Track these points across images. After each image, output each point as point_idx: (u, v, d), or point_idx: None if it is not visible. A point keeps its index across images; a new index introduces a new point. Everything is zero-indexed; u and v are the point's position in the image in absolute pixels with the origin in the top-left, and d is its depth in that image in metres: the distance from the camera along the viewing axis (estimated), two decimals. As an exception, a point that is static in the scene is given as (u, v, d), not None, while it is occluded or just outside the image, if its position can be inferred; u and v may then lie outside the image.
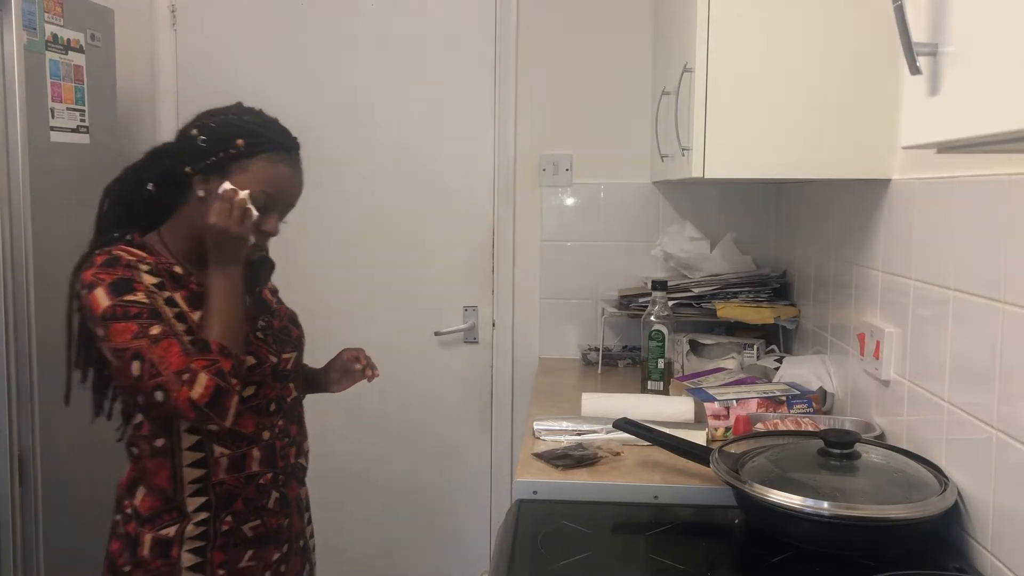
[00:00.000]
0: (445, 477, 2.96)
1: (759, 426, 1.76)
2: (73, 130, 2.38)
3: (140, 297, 1.41)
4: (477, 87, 2.85)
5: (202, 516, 1.50)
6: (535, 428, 1.92)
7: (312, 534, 1.75)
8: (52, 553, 2.27)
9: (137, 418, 1.53)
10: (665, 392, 2.20)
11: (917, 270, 1.57)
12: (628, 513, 1.56)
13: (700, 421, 1.91)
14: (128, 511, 1.53)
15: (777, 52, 1.75)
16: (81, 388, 1.58)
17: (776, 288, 2.54)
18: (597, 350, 2.68)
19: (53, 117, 2.29)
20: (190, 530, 1.50)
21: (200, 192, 1.48)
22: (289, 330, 1.67)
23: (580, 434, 1.88)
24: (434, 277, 2.92)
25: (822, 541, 1.33)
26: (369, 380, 1.75)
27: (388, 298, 2.92)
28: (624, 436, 1.75)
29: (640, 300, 2.59)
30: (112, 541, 1.56)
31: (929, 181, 1.54)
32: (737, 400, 1.88)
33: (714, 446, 1.60)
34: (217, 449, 1.51)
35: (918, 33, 0.82)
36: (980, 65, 0.75)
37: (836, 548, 1.33)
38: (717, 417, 1.87)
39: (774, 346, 2.48)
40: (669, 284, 2.35)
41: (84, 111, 2.42)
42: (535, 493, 1.63)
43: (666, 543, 1.43)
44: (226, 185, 1.43)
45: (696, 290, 2.53)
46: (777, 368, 2.19)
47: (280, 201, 1.53)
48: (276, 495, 1.59)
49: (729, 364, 2.39)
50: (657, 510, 1.57)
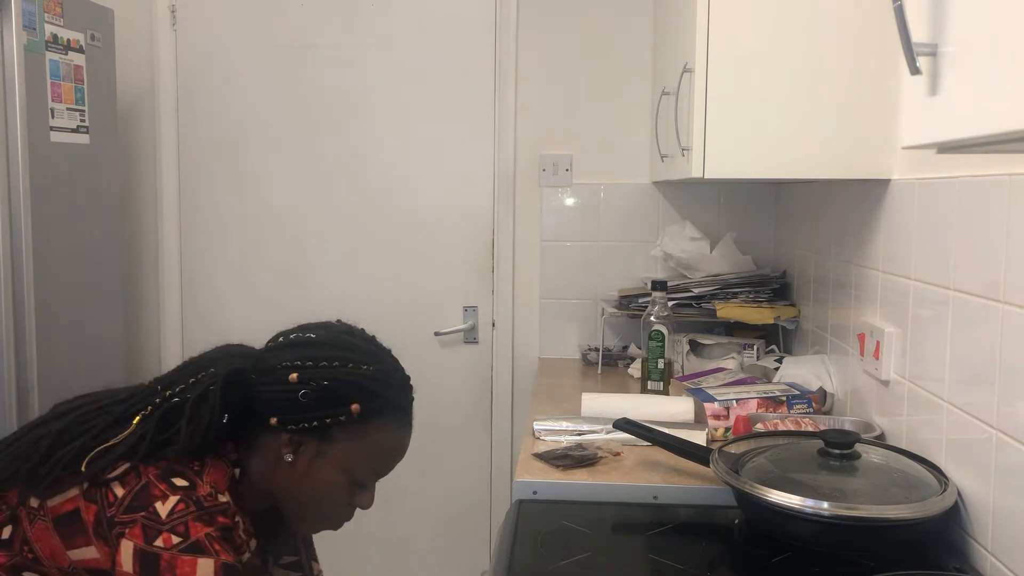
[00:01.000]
0: (445, 477, 2.96)
1: (759, 426, 1.76)
2: (73, 130, 2.38)
3: None
4: (477, 87, 2.85)
5: None
6: (535, 428, 1.92)
7: None
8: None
9: None
10: (665, 392, 2.20)
11: (917, 270, 1.57)
12: (628, 513, 1.56)
13: (700, 421, 1.91)
14: None
15: (777, 52, 1.75)
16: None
17: (776, 288, 2.54)
18: (597, 350, 2.68)
19: (53, 117, 2.29)
20: None
21: (288, 456, 1.19)
22: None
23: (580, 434, 1.88)
24: (434, 277, 2.92)
25: (822, 541, 1.33)
26: None
27: (388, 298, 2.92)
28: (624, 436, 1.75)
29: (640, 300, 2.59)
30: None
31: (929, 181, 1.54)
32: (737, 400, 1.88)
33: (714, 446, 1.60)
34: None
35: (918, 33, 0.82)
36: (980, 65, 0.75)
37: (836, 548, 1.33)
38: (717, 417, 1.87)
39: (774, 346, 2.48)
40: (669, 284, 2.35)
41: (84, 111, 2.42)
42: (535, 493, 1.63)
43: (666, 543, 1.43)
44: None
45: (696, 290, 2.53)
46: (777, 368, 2.19)
47: (385, 473, 1.26)
48: None
49: (729, 364, 2.39)
50: (657, 510, 1.57)
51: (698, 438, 1.75)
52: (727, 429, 1.85)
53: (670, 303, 2.33)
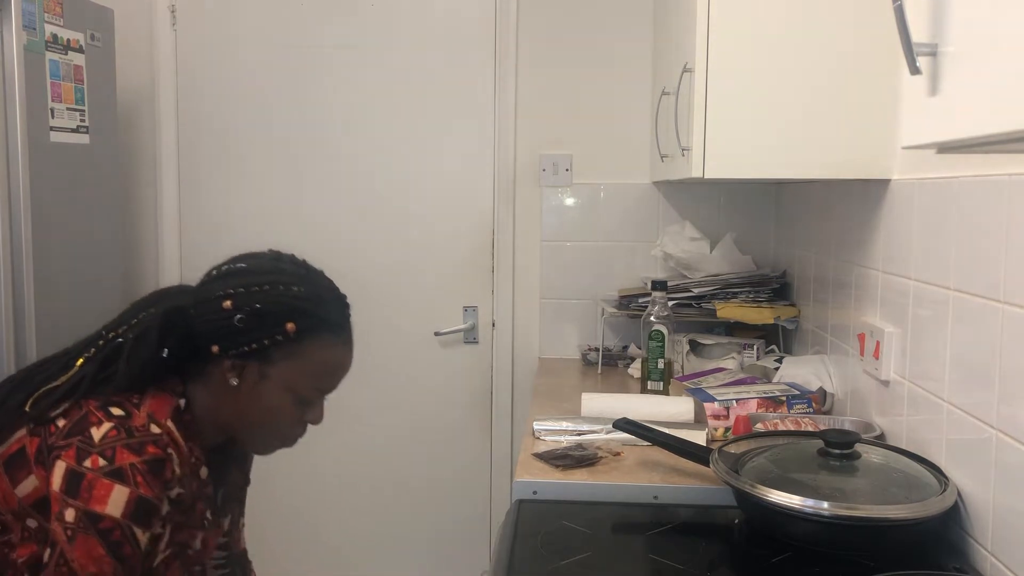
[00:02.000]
0: (445, 477, 2.96)
1: (759, 426, 1.76)
2: (73, 130, 2.38)
3: (143, 540, 1.13)
4: (477, 87, 2.85)
5: None
6: (535, 428, 1.92)
7: None
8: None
9: None
10: (665, 392, 2.20)
11: (917, 270, 1.57)
12: (628, 513, 1.56)
13: (700, 421, 1.91)
14: None
15: (777, 52, 1.75)
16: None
17: (776, 288, 2.54)
18: (597, 350, 2.68)
19: (53, 117, 2.29)
20: None
21: (233, 381, 1.23)
22: (208, 554, 1.38)
23: (580, 434, 1.88)
24: (434, 277, 2.92)
25: (822, 541, 1.33)
26: None
27: (388, 298, 2.92)
28: (624, 436, 1.75)
29: (640, 300, 2.59)
30: None
31: (929, 181, 1.54)
32: (737, 400, 1.88)
33: (714, 446, 1.60)
34: None
35: (918, 33, 0.82)
36: (980, 65, 0.75)
37: (836, 548, 1.33)
38: (717, 417, 1.87)
39: (774, 346, 2.48)
40: (669, 284, 2.35)
41: (84, 111, 2.42)
42: (535, 493, 1.63)
43: (666, 543, 1.43)
44: None
45: (696, 290, 2.53)
46: (777, 368, 2.19)
47: (331, 388, 1.30)
48: None
49: (729, 364, 2.39)
50: (657, 510, 1.57)
51: (698, 438, 1.75)
52: (727, 429, 1.85)
53: (670, 303, 2.33)
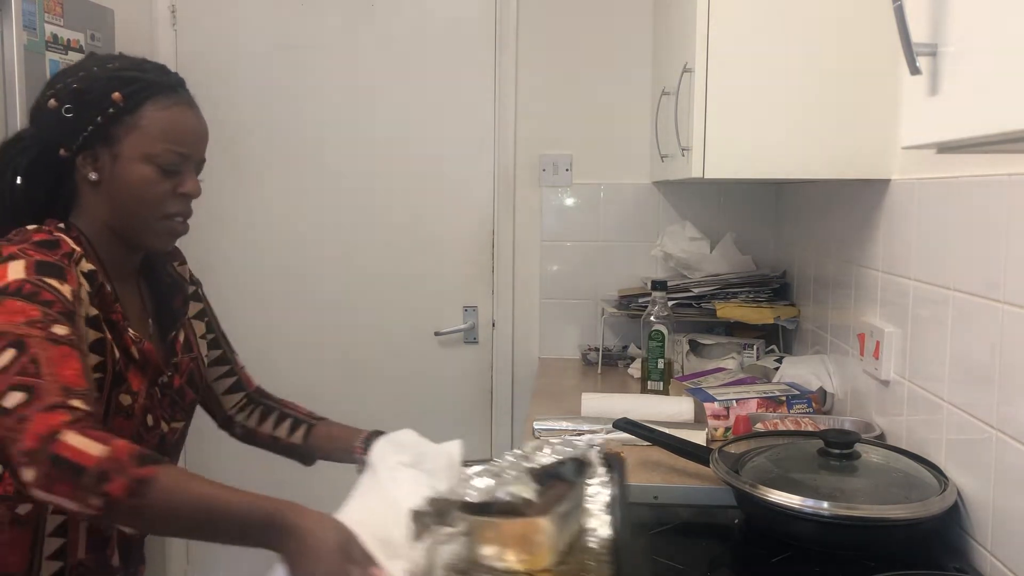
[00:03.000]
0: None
1: (759, 426, 1.76)
2: (73, 130, 2.38)
3: (65, 291, 1.07)
4: (477, 87, 2.85)
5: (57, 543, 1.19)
6: (535, 428, 1.92)
7: None
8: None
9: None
10: (665, 392, 2.20)
11: (917, 270, 1.57)
12: (628, 513, 1.56)
13: (700, 421, 1.91)
14: None
15: (777, 52, 1.75)
16: None
17: (776, 288, 2.54)
18: (597, 350, 2.68)
19: (53, 117, 2.28)
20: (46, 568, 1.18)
21: (92, 175, 1.19)
22: (184, 392, 1.33)
23: (580, 434, 1.88)
24: (434, 277, 2.92)
25: (822, 541, 1.33)
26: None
27: (388, 298, 2.92)
28: (624, 436, 1.75)
29: (640, 300, 2.59)
30: None
31: (929, 181, 1.54)
32: (737, 400, 1.88)
33: (714, 446, 1.60)
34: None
35: (918, 33, 0.82)
36: (980, 65, 0.75)
37: (836, 548, 1.33)
38: (717, 417, 1.87)
39: (774, 346, 2.48)
40: (669, 284, 2.35)
41: (84, 111, 2.42)
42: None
43: (666, 543, 1.43)
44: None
45: (696, 290, 2.53)
46: (777, 368, 2.19)
47: (191, 154, 1.24)
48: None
49: (729, 364, 2.39)
50: (657, 510, 1.57)
51: (698, 438, 1.75)
52: (727, 429, 1.85)
53: (670, 303, 2.33)
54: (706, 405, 1.89)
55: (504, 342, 2.90)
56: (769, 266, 2.69)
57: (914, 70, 0.82)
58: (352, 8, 2.86)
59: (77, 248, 1.15)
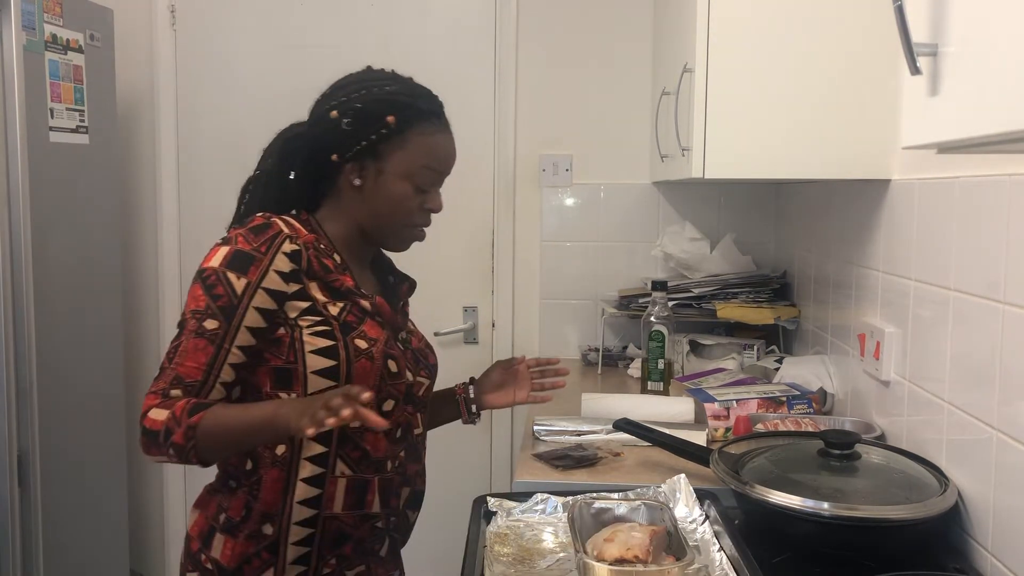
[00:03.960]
0: (445, 477, 2.95)
1: (759, 427, 1.76)
2: (73, 130, 2.38)
3: (237, 286, 1.25)
4: (477, 87, 2.85)
5: (303, 552, 1.32)
6: (535, 428, 1.92)
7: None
8: (52, 553, 2.27)
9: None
10: (665, 392, 2.20)
11: (917, 270, 1.57)
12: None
13: (700, 422, 1.91)
14: (208, 566, 1.32)
15: (777, 52, 1.75)
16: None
17: (776, 288, 2.54)
18: (597, 350, 2.68)
19: (52, 117, 2.29)
20: (289, 572, 1.32)
21: (356, 181, 1.36)
22: (426, 354, 1.52)
23: (580, 434, 1.88)
24: (434, 277, 2.91)
25: (822, 541, 1.33)
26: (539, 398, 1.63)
27: (388, 298, 2.91)
28: (624, 436, 1.75)
29: (640, 300, 2.59)
30: None
31: (929, 181, 1.54)
32: (737, 401, 1.88)
33: (714, 447, 1.60)
34: (339, 467, 1.32)
35: (918, 33, 0.82)
36: (980, 65, 0.75)
37: (836, 548, 1.33)
38: (717, 418, 1.87)
39: (774, 346, 2.48)
40: (669, 284, 2.35)
41: (84, 111, 2.42)
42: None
43: (666, 543, 1.43)
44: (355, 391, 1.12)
45: (696, 290, 2.53)
46: (777, 368, 2.19)
47: (442, 173, 1.45)
48: (388, 541, 1.45)
49: (729, 365, 2.39)
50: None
51: (698, 438, 1.75)
52: (727, 429, 1.85)
53: (670, 303, 2.33)
54: (706, 405, 1.89)
55: (504, 342, 2.90)
56: (769, 266, 2.69)
57: (914, 70, 0.82)
58: (352, 8, 2.86)
59: (288, 230, 1.30)
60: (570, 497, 1.41)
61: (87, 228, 2.49)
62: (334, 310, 1.31)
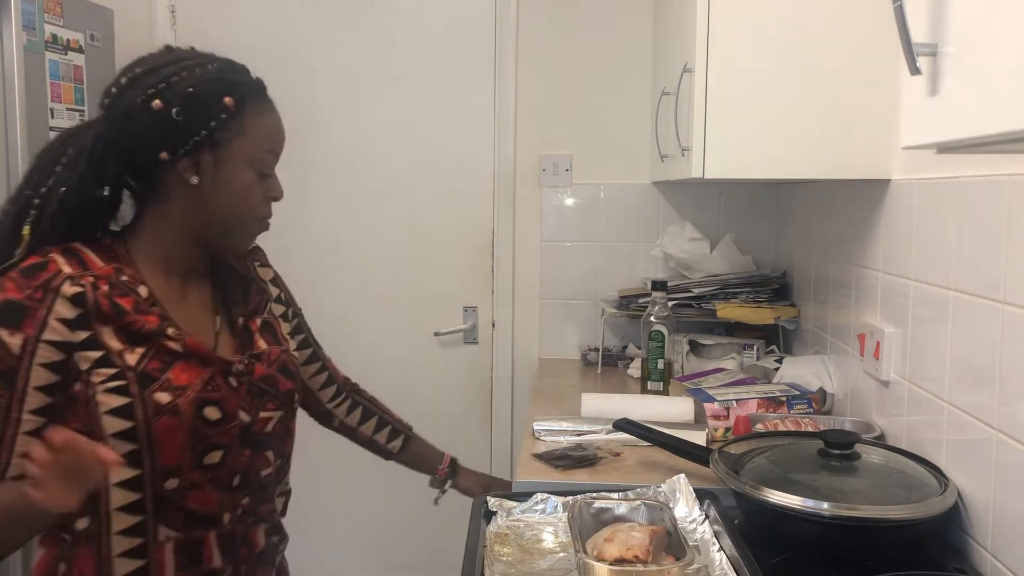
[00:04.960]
0: (445, 477, 2.96)
1: (759, 427, 1.76)
2: (73, 130, 2.38)
3: (12, 344, 1.08)
4: (477, 87, 2.85)
5: None
6: (535, 428, 1.92)
7: None
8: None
9: None
10: (665, 392, 2.20)
11: (917, 270, 1.57)
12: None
13: (700, 422, 1.91)
14: None
15: (777, 52, 1.75)
16: None
17: (776, 288, 2.54)
18: (597, 350, 2.68)
19: (53, 117, 2.28)
20: None
21: (193, 179, 1.17)
22: (276, 380, 1.28)
23: (580, 434, 1.88)
24: (434, 277, 2.92)
25: (822, 541, 1.33)
26: None
27: (388, 298, 2.92)
28: (624, 436, 1.75)
29: (640, 300, 2.59)
30: None
31: (929, 181, 1.54)
32: (737, 400, 1.88)
33: (714, 447, 1.60)
34: (163, 532, 1.16)
35: (918, 33, 0.82)
36: (980, 65, 0.75)
37: (836, 549, 1.33)
38: (717, 418, 1.87)
39: (774, 346, 2.48)
40: (669, 284, 2.35)
41: (84, 111, 2.42)
42: (535, 493, 1.62)
43: (666, 543, 1.43)
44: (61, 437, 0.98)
45: (696, 290, 2.52)
46: (777, 368, 2.19)
47: (278, 156, 1.26)
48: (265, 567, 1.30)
49: (729, 364, 2.39)
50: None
51: (698, 438, 1.75)
52: (727, 429, 1.85)
53: (670, 303, 2.33)
54: (706, 405, 1.89)
55: (504, 342, 2.90)
56: (769, 266, 2.69)
57: (914, 70, 0.82)
58: (352, 8, 2.86)
59: (67, 268, 1.12)
60: (570, 497, 1.41)
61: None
62: (132, 358, 1.12)
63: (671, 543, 1.23)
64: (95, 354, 1.11)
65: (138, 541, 1.15)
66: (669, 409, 1.98)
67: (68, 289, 1.10)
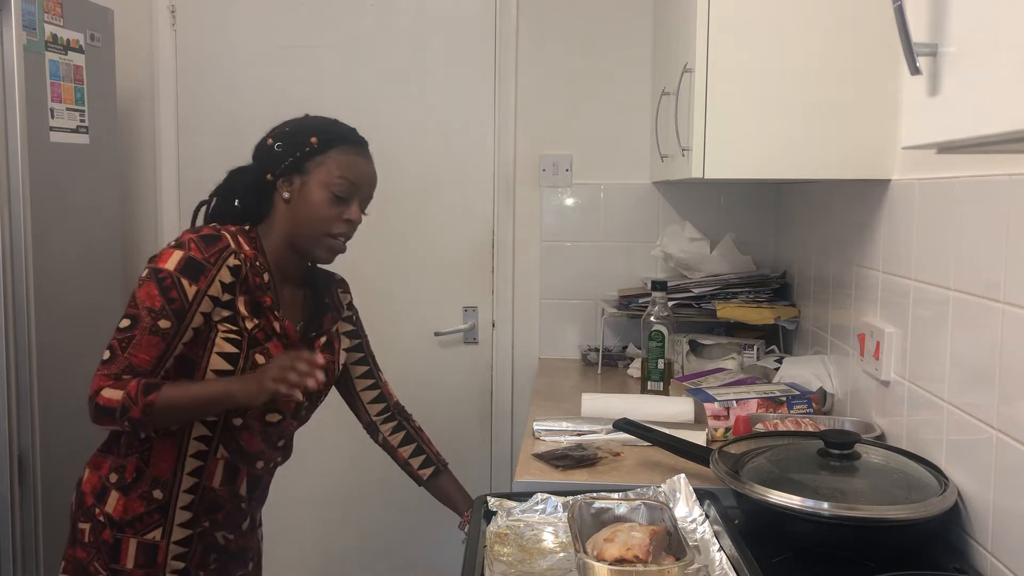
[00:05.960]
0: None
1: (759, 426, 1.76)
2: (73, 130, 2.38)
3: (189, 292, 1.44)
4: (477, 87, 2.85)
5: (188, 517, 1.54)
6: (535, 428, 1.92)
7: (261, 546, 1.81)
8: (52, 553, 2.27)
9: None
10: (665, 392, 2.20)
11: (917, 270, 1.57)
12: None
13: (700, 422, 1.91)
14: (100, 519, 1.52)
15: (777, 52, 1.75)
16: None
17: (776, 288, 2.54)
18: (597, 350, 2.68)
19: (53, 117, 2.29)
20: (176, 533, 1.53)
21: (285, 194, 1.55)
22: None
23: (580, 434, 1.88)
24: (434, 277, 2.92)
25: (822, 541, 1.33)
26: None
27: (388, 298, 2.91)
28: (624, 436, 1.75)
29: (640, 300, 2.59)
30: (76, 549, 1.54)
31: (929, 181, 1.54)
32: (737, 400, 1.88)
33: (714, 447, 1.60)
34: (220, 451, 1.54)
35: (918, 33, 0.82)
36: (980, 65, 0.75)
37: (836, 549, 1.33)
38: (717, 417, 1.87)
39: (774, 346, 2.48)
40: (669, 284, 2.35)
41: (84, 111, 2.42)
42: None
43: (666, 543, 1.43)
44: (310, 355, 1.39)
45: (696, 290, 2.53)
46: (777, 368, 2.19)
47: (360, 188, 1.58)
48: (249, 519, 1.66)
49: (729, 364, 2.39)
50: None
51: (698, 438, 1.75)
52: (727, 429, 1.85)
53: (670, 303, 2.33)
54: (706, 405, 1.89)
55: (504, 342, 2.90)
56: (769, 266, 2.69)
57: (914, 70, 0.82)
58: (352, 8, 2.86)
59: (235, 246, 1.49)
60: (570, 497, 1.41)
61: (87, 228, 2.49)
62: (249, 324, 1.50)
63: (671, 543, 1.23)
64: (228, 312, 1.48)
65: (204, 448, 1.53)
66: (669, 409, 1.98)
67: (231, 261, 1.48)
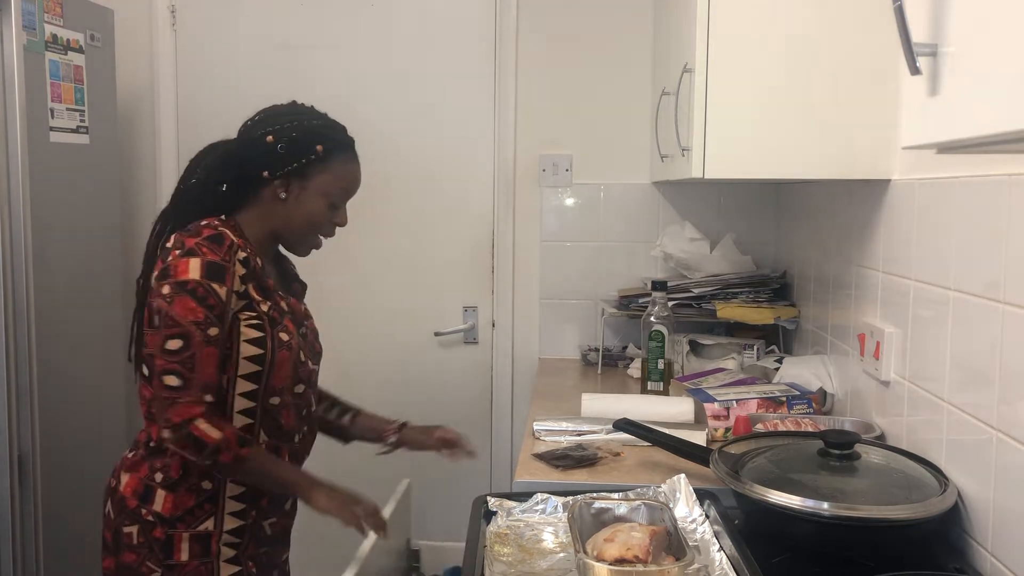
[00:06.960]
0: (445, 477, 2.95)
1: (759, 427, 1.76)
2: (73, 130, 2.38)
3: (221, 294, 1.47)
4: (477, 87, 2.85)
5: (238, 507, 1.56)
6: (535, 428, 1.92)
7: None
8: (52, 553, 2.28)
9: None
10: (665, 392, 2.20)
11: (917, 270, 1.57)
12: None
13: (700, 422, 1.91)
14: (149, 518, 1.52)
15: (777, 52, 1.75)
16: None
17: (776, 288, 2.54)
18: (597, 350, 2.68)
19: (53, 117, 2.29)
20: (228, 522, 1.55)
21: (281, 194, 1.58)
22: (317, 343, 1.73)
23: (580, 435, 1.88)
24: (434, 277, 2.92)
25: (822, 541, 1.33)
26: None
27: (388, 298, 2.92)
28: (624, 436, 1.75)
29: (640, 300, 2.59)
30: (123, 554, 1.53)
31: (929, 181, 1.54)
32: (737, 401, 1.88)
33: (714, 447, 1.60)
34: (262, 436, 1.57)
35: (918, 33, 0.82)
36: (980, 65, 0.75)
37: (836, 549, 1.33)
38: (717, 418, 1.87)
39: (774, 346, 2.48)
40: (669, 284, 2.35)
41: (84, 111, 2.42)
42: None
43: (666, 543, 1.43)
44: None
45: (696, 290, 2.53)
46: (777, 368, 2.19)
47: (352, 194, 1.68)
48: (290, 499, 1.68)
49: (729, 364, 2.39)
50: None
51: (698, 438, 1.75)
52: (727, 429, 1.85)
53: (670, 303, 2.33)
54: (706, 405, 1.89)
55: (504, 342, 2.90)
56: (769, 266, 2.69)
57: (914, 70, 0.82)
58: (352, 8, 2.86)
59: (235, 239, 1.51)
60: (570, 497, 1.41)
61: (87, 228, 2.49)
62: (264, 307, 1.54)
63: (671, 543, 1.23)
64: (243, 301, 1.51)
65: (247, 437, 1.52)
66: (669, 409, 1.98)
67: (240, 255, 1.51)
